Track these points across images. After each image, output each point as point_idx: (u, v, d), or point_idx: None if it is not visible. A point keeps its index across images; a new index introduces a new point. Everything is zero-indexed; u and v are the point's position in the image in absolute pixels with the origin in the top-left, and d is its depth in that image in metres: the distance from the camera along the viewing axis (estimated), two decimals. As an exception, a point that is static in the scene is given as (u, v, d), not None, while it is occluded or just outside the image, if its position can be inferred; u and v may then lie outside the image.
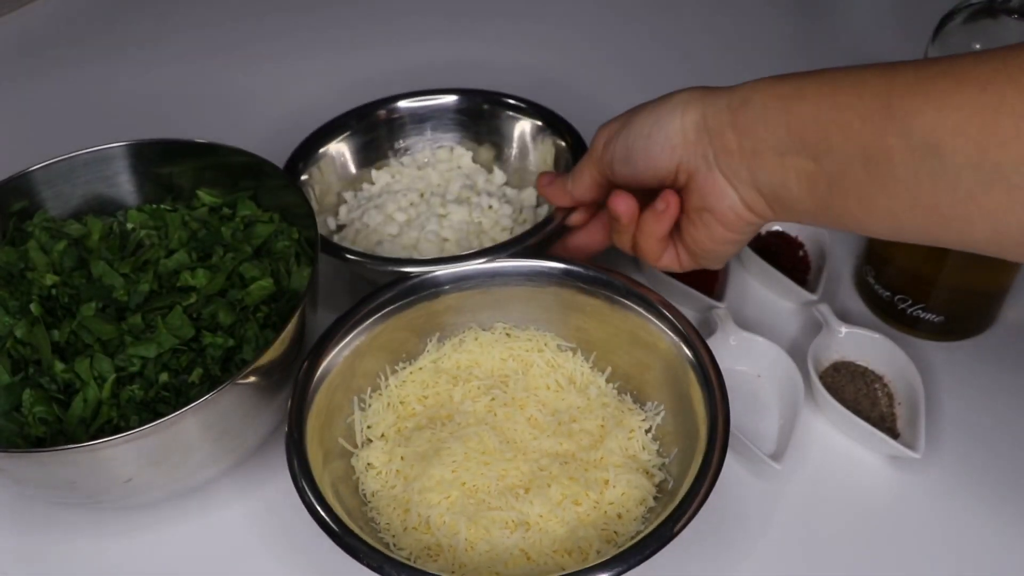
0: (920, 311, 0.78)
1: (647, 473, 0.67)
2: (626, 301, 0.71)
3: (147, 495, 0.66)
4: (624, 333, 0.72)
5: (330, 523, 0.59)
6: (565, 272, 0.73)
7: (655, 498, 0.65)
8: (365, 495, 0.68)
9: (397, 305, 0.72)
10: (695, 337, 0.67)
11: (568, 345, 0.75)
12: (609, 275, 0.72)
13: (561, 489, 0.65)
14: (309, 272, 0.72)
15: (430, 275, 0.73)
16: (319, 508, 0.60)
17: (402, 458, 0.68)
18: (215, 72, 1.13)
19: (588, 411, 0.71)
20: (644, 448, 0.68)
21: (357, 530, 0.59)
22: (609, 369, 0.73)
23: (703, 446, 0.62)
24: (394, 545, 0.64)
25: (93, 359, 0.66)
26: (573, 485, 0.65)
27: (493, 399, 0.71)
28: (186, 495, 0.70)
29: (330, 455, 0.67)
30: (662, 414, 0.69)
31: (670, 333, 0.68)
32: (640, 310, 0.70)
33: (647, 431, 0.69)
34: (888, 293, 0.79)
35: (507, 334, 0.75)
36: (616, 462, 0.67)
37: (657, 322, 0.69)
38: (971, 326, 0.80)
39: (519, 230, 0.84)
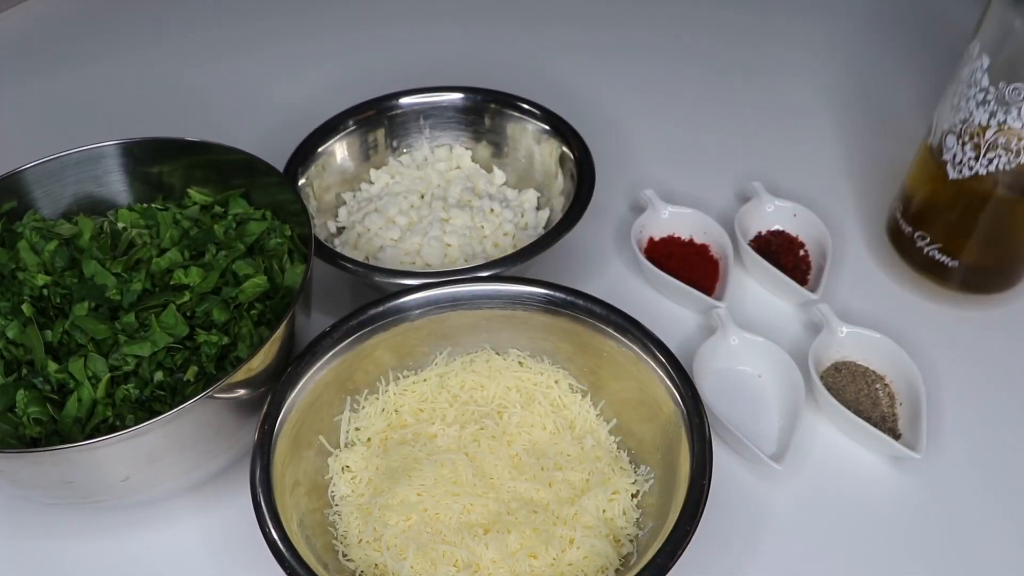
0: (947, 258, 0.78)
1: (616, 541, 0.64)
2: (644, 355, 0.67)
3: (144, 493, 0.65)
4: (635, 387, 0.68)
5: (280, 545, 0.58)
6: (588, 310, 0.69)
7: (616, 571, 0.62)
8: (333, 497, 0.67)
9: (407, 313, 0.71)
10: (697, 413, 0.63)
11: (580, 387, 0.72)
12: (634, 322, 0.68)
13: (521, 539, 0.62)
14: (303, 269, 0.71)
15: (445, 291, 0.71)
16: (271, 527, 0.59)
17: (377, 468, 0.67)
18: (211, 71, 1.12)
19: (577, 461, 0.67)
20: (624, 513, 0.65)
21: (303, 546, 0.59)
22: (615, 420, 0.71)
23: (668, 529, 0.58)
24: (344, 556, 0.64)
25: (87, 359, 0.65)
26: (534, 537, 0.62)
27: (482, 428, 0.69)
28: (184, 493, 0.70)
29: (306, 450, 0.66)
30: (651, 482, 0.67)
31: (679, 402, 0.64)
32: (655, 367, 0.66)
33: (633, 495, 0.66)
34: (924, 242, 0.79)
35: (520, 363, 0.73)
36: (587, 523, 0.64)
37: (669, 385, 0.65)
38: (994, 283, 0.80)
39: (520, 235, 0.84)
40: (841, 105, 1.05)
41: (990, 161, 0.71)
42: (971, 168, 0.72)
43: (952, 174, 0.74)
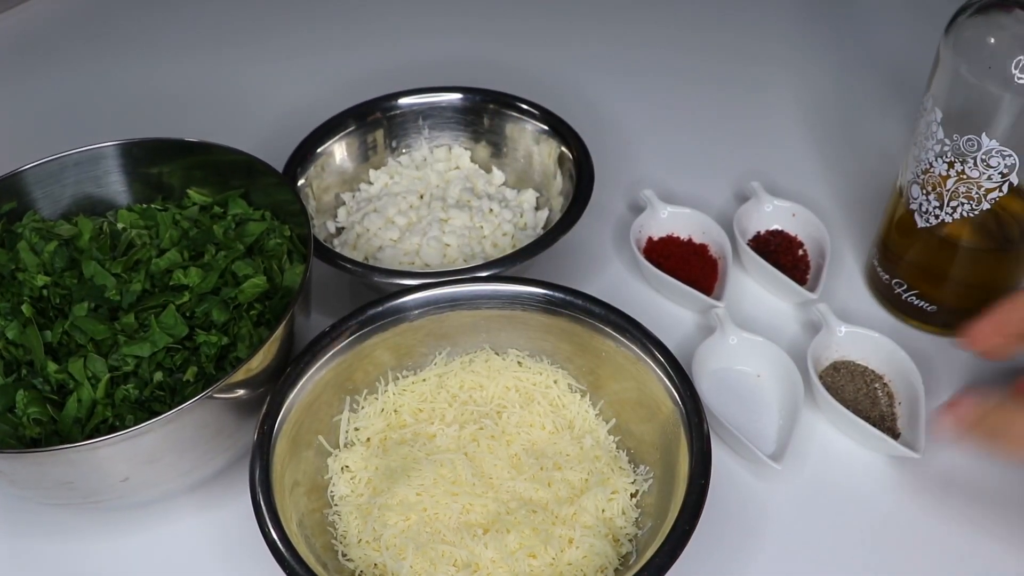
0: (925, 303, 0.78)
1: (615, 541, 0.64)
2: (643, 355, 0.67)
3: (144, 494, 0.65)
4: (634, 386, 0.68)
5: (279, 545, 0.58)
6: (587, 310, 0.69)
7: (615, 570, 0.62)
8: (333, 497, 0.67)
9: (406, 314, 0.71)
10: (696, 413, 0.63)
11: (579, 387, 0.72)
12: (633, 322, 0.68)
13: (520, 538, 0.62)
14: (302, 269, 0.71)
15: (444, 291, 0.71)
16: (271, 527, 0.59)
17: (376, 468, 0.68)
18: (211, 72, 1.12)
19: (576, 461, 0.67)
20: (623, 513, 0.65)
21: (303, 546, 0.59)
22: (614, 420, 0.71)
23: (668, 528, 0.58)
24: (344, 556, 0.64)
25: (87, 359, 0.65)
26: (533, 537, 0.62)
27: (481, 428, 0.69)
28: (184, 493, 0.70)
29: (306, 451, 0.66)
30: (651, 482, 0.67)
31: (678, 401, 0.64)
32: (654, 367, 0.66)
33: (632, 495, 0.67)
34: (901, 288, 0.79)
35: (519, 363, 0.73)
36: (586, 522, 0.64)
37: (668, 385, 0.65)
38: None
39: (520, 235, 0.84)
40: (840, 107, 1.05)
41: (953, 209, 0.71)
42: (937, 216, 0.73)
43: (920, 223, 0.74)
